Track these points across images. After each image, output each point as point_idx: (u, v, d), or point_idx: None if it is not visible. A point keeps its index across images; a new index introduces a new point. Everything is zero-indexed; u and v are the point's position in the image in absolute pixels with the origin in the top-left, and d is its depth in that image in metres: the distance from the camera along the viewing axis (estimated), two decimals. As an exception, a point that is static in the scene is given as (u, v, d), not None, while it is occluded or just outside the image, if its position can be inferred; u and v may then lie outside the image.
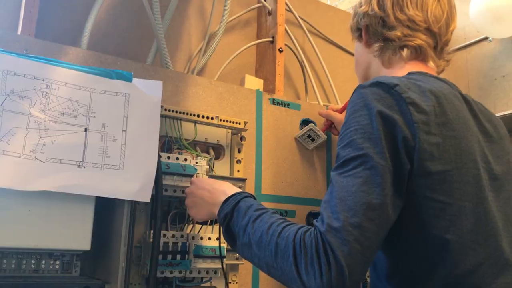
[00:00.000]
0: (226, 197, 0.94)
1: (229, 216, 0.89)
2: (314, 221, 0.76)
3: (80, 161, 0.96)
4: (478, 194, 0.81)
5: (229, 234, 0.90)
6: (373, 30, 1.01)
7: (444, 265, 0.78)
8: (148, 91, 1.08)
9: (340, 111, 1.41)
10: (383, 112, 0.77)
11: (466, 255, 0.78)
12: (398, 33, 0.97)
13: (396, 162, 0.76)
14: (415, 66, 0.97)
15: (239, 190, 0.98)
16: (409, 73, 0.93)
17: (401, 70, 0.97)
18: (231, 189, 0.98)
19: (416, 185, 0.77)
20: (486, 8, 1.61)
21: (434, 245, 0.78)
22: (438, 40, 0.98)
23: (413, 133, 0.77)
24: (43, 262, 0.99)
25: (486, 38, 1.73)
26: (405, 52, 0.97)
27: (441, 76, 0.97)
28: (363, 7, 1.02)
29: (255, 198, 0.94)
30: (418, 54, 0.97)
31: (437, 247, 0.78)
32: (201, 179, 1.07)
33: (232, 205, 0.91)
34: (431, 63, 0.98)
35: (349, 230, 0.70)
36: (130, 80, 1.06)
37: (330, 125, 1.43)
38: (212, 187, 1.00)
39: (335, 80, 1.78)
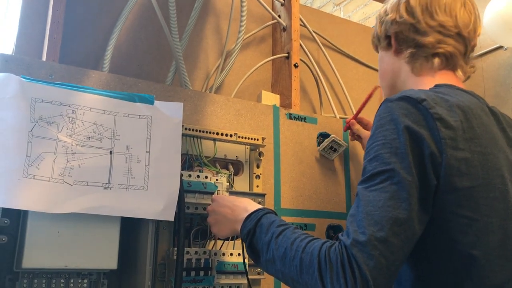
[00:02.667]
0: (247, 214, 0.95)
1: (252, 233, 0.91)
2: (339, 235, 0.76)
3: (106, 183, 1.00)
4: (505, 209, 0.80)
5: (252, 250, 0.91)
6: (403, 37, 0.99)
7: (470, 281, 0.77)
8: (169, 113, 1.11)
9: (354, 117, 1.43)
10: (410, 127, 0.77)
11: (494, 271, 0.78)
12: (431, 39, 0.96)
13: (422, 177, 0.76)
14: (444, 77, 0.96)
15: (260, 206, 0.99)
16: (436, 86, 0.92)
17: (430, 79, 0.96)
18: (252, 205, 0.99)
19: (442, 200, 0.77)
20: (500, 17, 1.61)
21: (460, 261, 0.78)
22: (467, 45, 0.98)
23: (440, 149, 0.77)
24: (72, 281, 1.02)
25: (501, 47, 1.73)
26: (436, 61, 0.96)
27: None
28: (390, 15, 1.01)
29: (276, 214, 0.95)
30: (449, 62, 0.97)
31: (463, 263, 0.78)
32: (222, 197, 1.08)
33: (254, 221, 0.92)
34: (459, 72, 0.98)
35: (374, 244, 0.71)
36: (152, 103, 1.10)
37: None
38: (233, 204, 1.02)
39: (350, 92, 1.80)
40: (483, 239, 0.78)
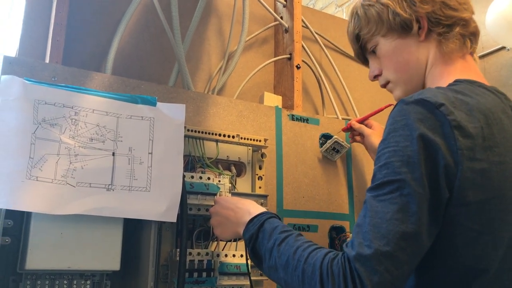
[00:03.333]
0: (250, 217, 0.94)
1: (255, 238, 0.90)
2: (344, 245, 0.74)
3: (109, 185, 1.00)
4: None
5: (255, 255, 0.90)
6: (436, 16, 0.90)
7: None
8: (172, 114, 1.11)
9: (360, 120, 1.43)
10: (425, 135, 0.73)
11: (502, 286, 0.76)
12: (467, 14, 0.91)
13: (434, 190, 0.72)
14: (469, 66, 0.92)
15: (263, 209, 0.98)
16: (456, 81, 0.87)
17: (459, 66, 0.91)
18: (255, 208, 0.98)
19: (452, 213, 0.74)
20: (502, 18, 1.61)
21: (467, 274, 0.75)
22: None
23: (456, 160, 0.72)
24: (75, 282, 1.03)
25: (503, 48, 1.73)
26: (468, 41, 0.91)
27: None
28: None
29: (279, 218, 0.95)
30: (473, 43, 0.93)
31: (470, 277, 0.75)
32: (225, 198, 1.08)
33: (257, 226, 0.91)
34: (475, 55, 0.95)
35: (380, 259, 0.68)
36: (154, 105, 1.10)
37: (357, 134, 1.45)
38: (236, 206, 1.01)
39: (352, 93, 1.80)
40: (491, 254, 0.75)
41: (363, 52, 1.02)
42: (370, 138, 1.37)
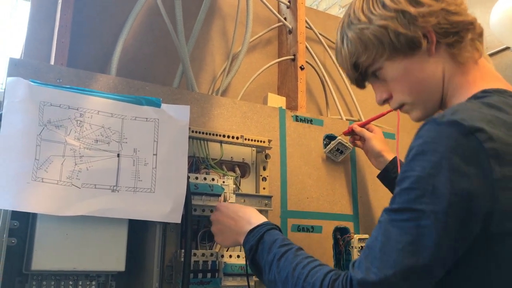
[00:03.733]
0: (250, 228, 0.94)
1: (254, 249, 0.90)
2: (351, 265, 0.72)
3: (114, 186, 1.01)
4: None
5: (255, 266, 0.90)
6: (442, 26, 0.83)
7: None
8: (176, 116, 1.12)
9: (361, 124, 1.43)
10: (456, 166, 0.66)
11: None
12: (470, 17, 0.85)
13: (460, 224, 0.66)
14: (485, 73, 0.86)
15: (264, 219, 0.98)
16: (484, 92, 0.80)
17: (478, 75, 0.84)
18: (256, 218, 0.98)
19: (491, 246, 0.68)
20: (507, 18, 1.61)
21: None
22: None
23: (491, 193, 0.66)
24: (80, 283, 1.03)
25: (507, 48, 1.73)
26: (478, 44, 0.85)
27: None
28: (414, 9, 0.82)
29: (279, 229, 0.94)
30: (481, 44, 0.87)
31: None
32: (226, 205, 1.07)
33: (256, 238, 0.91)
34: (485, 55, 0.88)
35: None
36: (159, 106, 1.10)
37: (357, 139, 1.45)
38: (237, 215, 1.01)
39: (356, 94, 1.80)
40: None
41: (362, 78, 0.92)
42: (370, 142, 1.37)
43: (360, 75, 0.91)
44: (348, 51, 0.89)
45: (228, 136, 1.24)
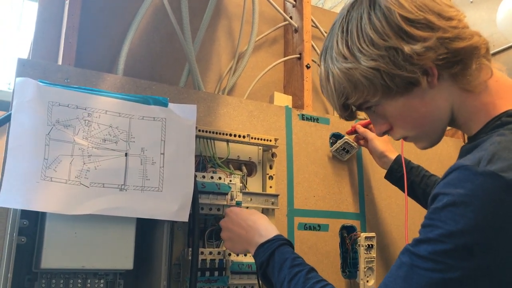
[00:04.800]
0: (261, 242, 0.95)
1: (265, 265, 0.92)
2: None
3: (122, 185, 1.01)
4: None
5: (266, 280, 0.93)
6: (442, 58, 0.73)
7: None
8: (183, 115, 1.12)
9: (364, 124, 1.43)
10: (493, 225, 0.62)
11: None
12: (473, 40, 0.74)
13: (489, 278, 0.63)
14: (502, 86, 0.77)
15: (274, 231, 0.98)
16: (509, 115, 0.73)
17: (493, 95, 0.76)
18: (266, 229, 0.98)
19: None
20: (513, 15, 1.60)
21: None
22: None
23: None
24: (89, 281, 1.04)
25: (514, 45, 1.72)
26: (486, 65, 0.76)
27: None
28: (408, 47, 0.71)
29: (290, 243, 0.95)
30: (490, 58, 0.77)
31: None
32: (235, 211, 1.06)
33: (267, 254, 0.92)
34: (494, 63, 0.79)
35: None
36: (166, 105, 1.11)
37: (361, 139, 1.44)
38: (247, 224, 1.01)
39: (363, 93, 1.80)
40: None
41: (354, 114, 0.85)
42: (373, 143, 1.37)
43: (352, 112, 0.84)
44: (335, 90, 0.79)
45: (235, 135, 1.25)
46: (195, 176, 1.11)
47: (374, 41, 0.73)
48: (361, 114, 1.73)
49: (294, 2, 1.68)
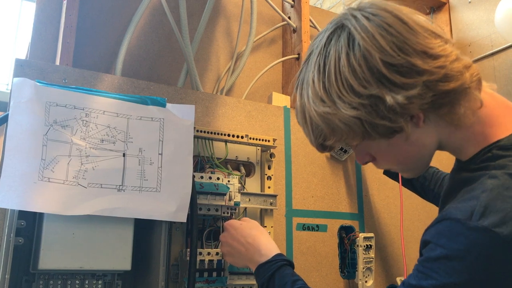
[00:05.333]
0: (261, 262, 0.96)
1: (266, 285, 0.93)
2: None
3: (120, 185, 1.01)
4: None
5: None
6: (428, 101, 0.68)
7: None
8: (181, 115, 1.12)
9: None
10: (486, 279, 0.63)
11: None
12: (464, 78, 0.68)
13: None
14: (494, 110, 0.74)
15: (274, 249, 0.99)
16: (500, 147, 0.71)
17: (484, 122, 0.73)
18: (265, 247, 0.99)
19: None
20: (511, 15, 1.60)
21: None
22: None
23: None
24: (87, 282, 1.04)
25: (513, 45, 1.72)
26: (476, 97, 0.70)
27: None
28: (389, 97, 0.66)
29: (290, 263, 0.96)
30: (481, 79, 0.72)
31: None
32: (235, 226, 1.07)
33: (267, 276, 0.93)
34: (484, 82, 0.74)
35: None
36: (164, 106, 1.11)
37: None
38: (247, 242, 1.02)
39: (361, 93, 1.80)
40: None
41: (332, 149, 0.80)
42: None
43: (331, 147, 0.78)
44: (312, 131, 0.74)
45: (233, 135, 1.24)
46: (193, 176, 1.10)
47: (354, 88, 0.67)
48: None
49: (293, 3, 1.68)
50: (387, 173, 1.35)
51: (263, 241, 1.01)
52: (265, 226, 1.26)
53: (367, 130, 0.69)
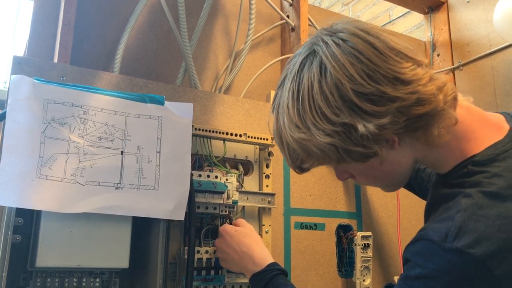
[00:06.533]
0: (255, 271, 0.99)
1: None
2: None
3: (118, 183, 1.01)
4: None
5: None
6: (403, 125, 0.68)
7: None
8: (179, 113, 1.12)
9: None
10: None
11: None
12: (438, 101, 0.69)
13: None
14: (470, 125, 0.75)
15: (268, 259, 1.01)
16: (474, 163, 0.72)
17: (461, 140, 0.74)
18: (259, 257, 1.01)
19: None
20: (510, 15, 1.60)
21: None
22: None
23: None
24: (84, 280, 1.04)
25: (511, 45, 1.72)
26: (452, 115, 0.71)
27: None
28: (361, 125, 0.67)
29: (283, 272, 0.98)
30: (457, 96, 0.73)
31: None
32: (230, 234, 1.08)
33: (261, 286, 0.96)
34: (459, 96, 0.74)
35: None
36: (162, 104, 1.10)
37: None
38: (241, 250, 1.04)
39: (359, 92, 1.80)
40: None
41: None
42: None
43: (308, 170, 0.79)
44: (289, 155, 0.76)
45: (231, 134, 1.24)
46: (192, 174, 1.10)
47: (327, 115, 0.67)
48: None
49: (291, 1, 1.68)
50: None
51: (257, 250, 1.03)
52: (263, 225, 1.26)
53: (342, 155, 0.70)
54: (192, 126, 1.16)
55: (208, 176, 1.15)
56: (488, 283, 0.64)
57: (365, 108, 0.66)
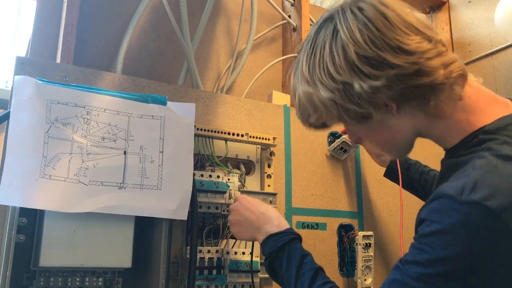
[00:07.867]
0: (273, 232, 0.96)
1: (273, 256, 0.93)
2: None
3: (121, 183, 1.01)
4: None
5: (272, 271, 0.94)
6: (400, 93, 0.72)
7: None
8: (182, 113, 1.13)
9: None
10: (479, 251, 0.65)
11: None
12: (438, 76, 0.71)
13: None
14: (477, 100, 0.77)
15: (286, 224, 0.99)
16: (485, 132, 0.74)
17: (468, 113, 0.76)
18: (277, 219, 0.99)
19: None
20: (511, 14, 1.60)
21: None
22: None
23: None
24: (87, 279, 1.04)
25: (512, 45, 1.73)
26: (457, 91, 0.74)
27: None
28: (357, 84, 0.71)
29: (300, 238, 0.96)
30: (465, 74, 0.75)
31: None
32: (247, 198, 1.07)
33: (278, 246, 0.93)
34: (470, 76, 0.77)
35: None
36: (165, 104, 1.11)
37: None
38: (259, 211, 1.01)
39: (361, 92, 1.80)
40: None
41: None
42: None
43: (315, 127, 0.83)
44: (299, 107, 0.81)
45: (233, 134, 1.25)
46: (194, 174, 1.11)
47: (332, 73, 0.73)
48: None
49: (293, 1, 1.68)
50: (387, 175, 1.35)
51: (276, 214, 1.02)
52: (265, 224, 1.26)
53: (341, 113, 0.75)
54: (194, 126, 1.16)
55: (210, 176, 1.15)
56: (504, 237, 0.64)
57: (363, 70, 0.71)
